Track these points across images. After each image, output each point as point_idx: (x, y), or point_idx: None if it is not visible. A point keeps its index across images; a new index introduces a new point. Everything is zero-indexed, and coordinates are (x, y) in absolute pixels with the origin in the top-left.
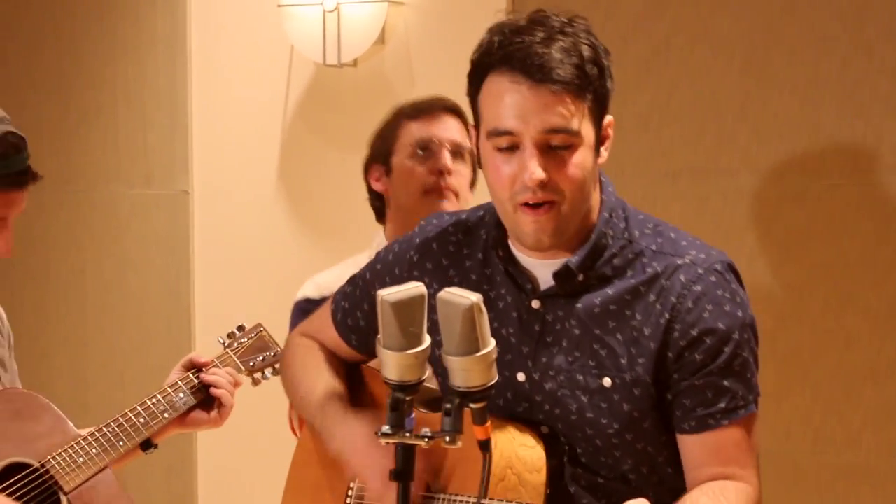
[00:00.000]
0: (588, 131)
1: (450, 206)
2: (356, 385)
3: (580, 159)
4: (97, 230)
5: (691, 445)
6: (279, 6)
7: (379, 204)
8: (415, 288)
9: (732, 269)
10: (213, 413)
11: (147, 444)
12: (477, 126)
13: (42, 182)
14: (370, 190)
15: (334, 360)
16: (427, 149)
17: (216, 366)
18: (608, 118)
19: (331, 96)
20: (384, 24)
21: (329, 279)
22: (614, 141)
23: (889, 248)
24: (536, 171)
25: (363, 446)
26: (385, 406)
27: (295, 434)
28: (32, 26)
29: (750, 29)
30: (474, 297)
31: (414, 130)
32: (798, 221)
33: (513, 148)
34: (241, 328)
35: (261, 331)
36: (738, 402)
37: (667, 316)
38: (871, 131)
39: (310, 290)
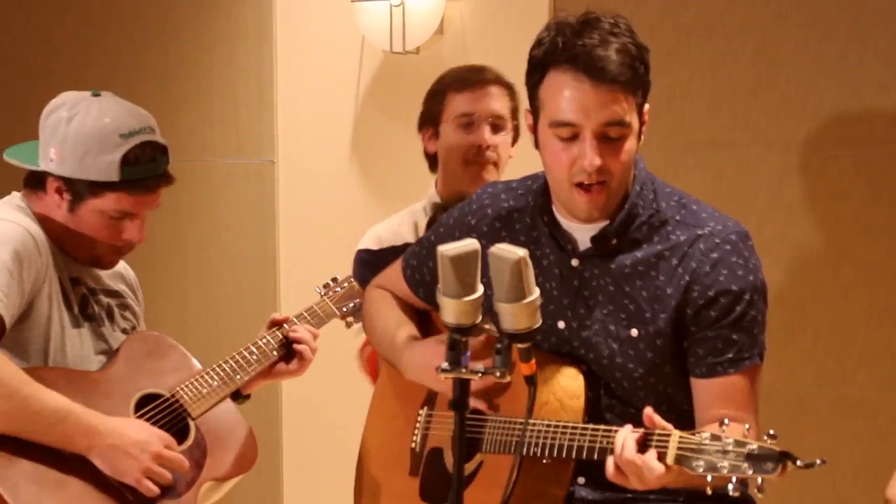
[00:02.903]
0: (635, 122)
1: (489, 175)
2: (428, 325)
3: (629, 146)
4: (196, 195)
5: (701, 388)
6: (352, 1)
7: (431, 160)
8: (470, 244)
9: (747, 237)
10: (294, 364)
11: (237, 394)
12: (535, 112)
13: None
14: (424, 147)
15: (404, 304)
16: (470, 123)
17: (294, 322)
18: (646, 107)
19: (396, 79)
20: (443, 16)
21: (387, 231)
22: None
23: (880, 210)
24: (596, 160)
25: (421, 365)
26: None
27: (363, 371)
28: (141, 22)
29: (761, 20)
30: (521, 252)
31: (458, 103)
32: (802, 188)
33: (573, 137)
34: (335, 279)
35: (352, 281)
36: (744, 353)
37: (687, 278)
38: (865, 110)
39: (370, 241)
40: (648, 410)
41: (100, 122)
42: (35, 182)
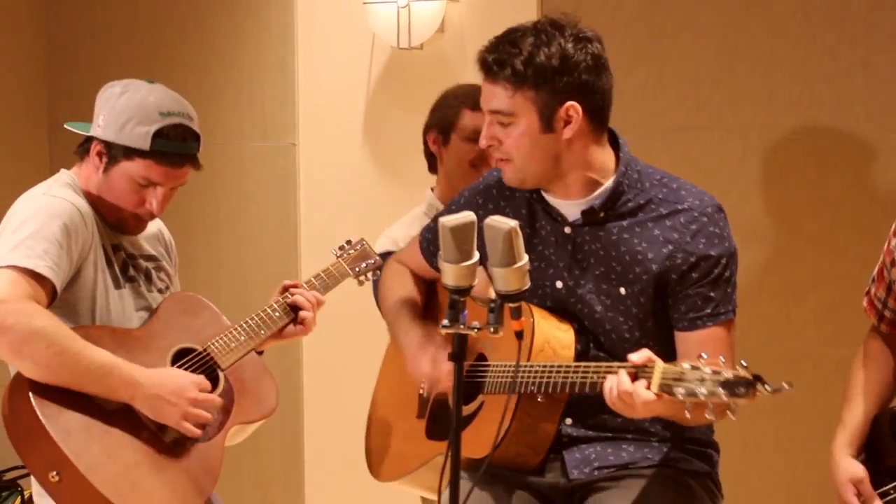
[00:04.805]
0: (529, 115)
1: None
2: (431, 296)
3: (518, 133)
4: (227, 174)
5: (683, 340)
6: (364, 3)
7: (431, 160)
8: (467, 216)
9: (720, 209)
10: (299, 326)
11: None
12: None
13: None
14: (426, 147)
15: (416, 281)
16: (478, 139)
17: (304, 287)
18: (568, 104)
19: (403, 72)
20: (444, 16)
21: (398, 232)
22: (619, 104)
23: (826, 187)
24: (483, 139)
25: (413, 352)
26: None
27: None
28: (179, 22)
29: (723, 20)
30: (512, 223)
31: (471, 119)
32: (758, 168)
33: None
34: (348, 242)
35: (364, 243)
36: (720, 309)
37: (670, 247)
38: (814, 98)
39: (387, 244)
40: (645, 351)
41: (145, 99)
42: (83, 149)
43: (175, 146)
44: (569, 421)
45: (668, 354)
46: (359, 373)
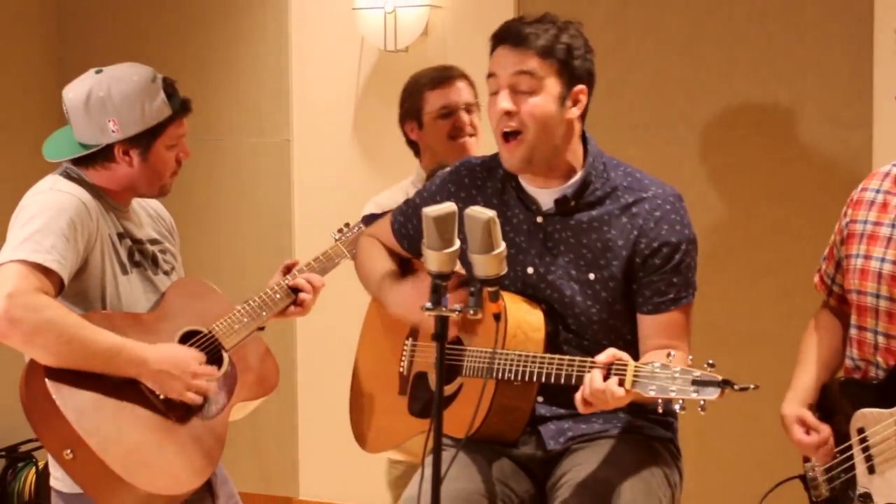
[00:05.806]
0: (553, 85)
1: (471, 147)
2: (410, 270)
3: (541, 101)
4: (225, 167)
5: (647, 323)
6: (353, 9)
7: (414, 147)
8: (449, 206)
9: (681, 199)
10: (298, 308)
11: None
12: None
13: (187, 135)
14: (407, 137)
15: (389, 251)
16: (449, 113)
17: (303, 270)
18: (579, 87)
19: (389, 73)
20: (427, 21)
21: (385, 199)
22: (591, 104)
23: (782, 180)
24: (503, 103)
25: (407, 300)
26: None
27: None
28: (178, 24)
29: (685, 24)
30: (490, 213)
31: (435, 99)
32: (718, 160)
33: (497, 92)
34: (347, 224)
35: (360, 226)
36: (682, 293)
37: (636, 233)
38: (769, 98)
39: (372, 207)
40: (611, 349)
41: (132, 81)
42: (92, 159)
43: (180, 96)
44: (540, 399)
45: (633, 333)
46: (348, 350)
